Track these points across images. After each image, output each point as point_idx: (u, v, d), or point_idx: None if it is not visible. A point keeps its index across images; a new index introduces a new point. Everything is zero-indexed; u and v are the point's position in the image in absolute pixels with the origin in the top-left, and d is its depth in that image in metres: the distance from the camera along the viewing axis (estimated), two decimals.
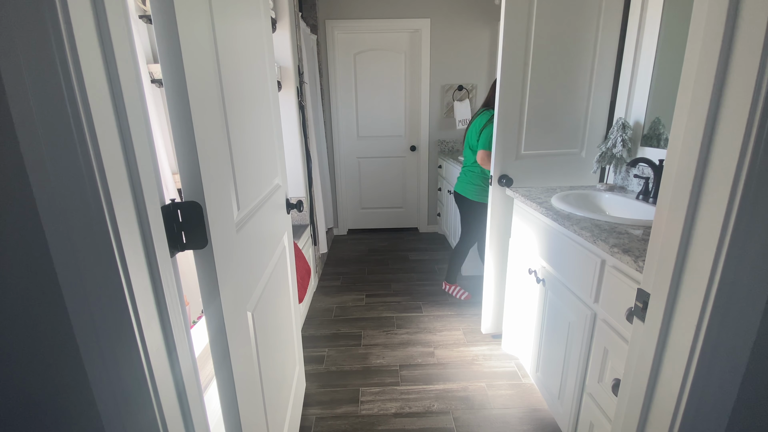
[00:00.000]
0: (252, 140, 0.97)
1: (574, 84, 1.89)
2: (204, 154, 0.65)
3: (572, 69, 1.87)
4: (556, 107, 1.92)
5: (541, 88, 1.89)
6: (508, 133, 1.92)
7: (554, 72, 1.88)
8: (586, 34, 1.83)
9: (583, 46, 1.84)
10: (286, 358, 1.33)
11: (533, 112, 1.92)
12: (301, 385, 1.61)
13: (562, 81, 1.88)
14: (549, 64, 1.87)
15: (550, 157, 1.98)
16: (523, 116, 1.92)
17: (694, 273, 0.56)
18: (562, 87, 1.89)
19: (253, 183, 0.96)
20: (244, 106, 0.91)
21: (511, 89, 1.88)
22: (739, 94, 0.48)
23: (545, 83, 1.89)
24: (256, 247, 0.97)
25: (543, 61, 1.86)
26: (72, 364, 0.50)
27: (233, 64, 0.84)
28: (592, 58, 1.85)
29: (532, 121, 1.93)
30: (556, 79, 1.88)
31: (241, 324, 0.81)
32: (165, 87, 0.59)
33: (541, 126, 1.94)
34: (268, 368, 1.03)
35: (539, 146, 1.96)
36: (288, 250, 1.41)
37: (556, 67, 1.87)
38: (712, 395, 0.58)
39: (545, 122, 1.93)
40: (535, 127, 1.93)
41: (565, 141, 1.97)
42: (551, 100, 1.91)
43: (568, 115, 1.93)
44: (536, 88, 1.88)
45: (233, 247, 0.77)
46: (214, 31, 0.73)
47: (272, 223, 1.16)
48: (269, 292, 1.09)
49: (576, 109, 1.93)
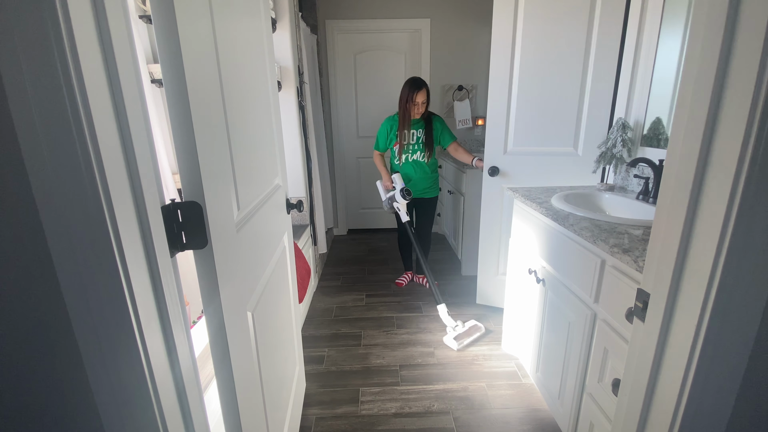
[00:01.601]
0: (252, 140, 0.97)
1: (565, 84, 1.92)
2: (204, 154, 0.65)
3: (562, 70, 1.91)
4: (546, 107, 1.97)
5: (529, 87, 1.96)
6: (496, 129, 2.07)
7: (543, 72, 1.93)
8: (578, 34, 1.84)
9: (576, 47, 1.86)
10: (286, 357, 1.33)
11: (522, 111, 2.00)
12: (301, 385, 1.61)
13: (552, 81, 1.93)
14: (538, 65, 1.92)
15: (541, 155, 2.05)
16: (510, 115, 2.02)
17: (694, 273, 0.56)
18: (553, 87, 1.94)
19: (253, 183, 0.96)
20: (244, 106, 0.91)
21: (499, 89, 2.00)
22: (739, 94, 0.48)
23: (534, 83, 1.96)
24: (257, 247, 0.97)
25: (531, 62, 1.92)
26: (72, 364, 0.50)
27: (233, 64, 0.84)
28: (585, 58, 1.87)
29: (520, 120, 2.02)
30: (545, 79, 1.94)
31: (241, 324, 0.81)
32: (165, 87, 0.59)
33: (530, 124, 2.02)
34: (268, 368, 1.03)
35: (528, 143, 2.04)
36: (288, 250, 1.41)
37: (546, 68, 1.92)
38: (712, 395, 0.58)
39: (534, 121, 2.00)
40: (524, 125, 2.03)
41: (558, 140, 2.00)
42: (541, 100, 1.96)
43: (559, 114, 1.98)
44: (524, 87, 1.96)
45: (233, 247, 0.77)
46: (214, 31, 0.73)
47: (272, 223, 1.16)
48: (269, 292, 1.09)
49: (568, 109, 1.95)
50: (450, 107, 3.60)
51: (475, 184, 2.65)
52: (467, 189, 2.69)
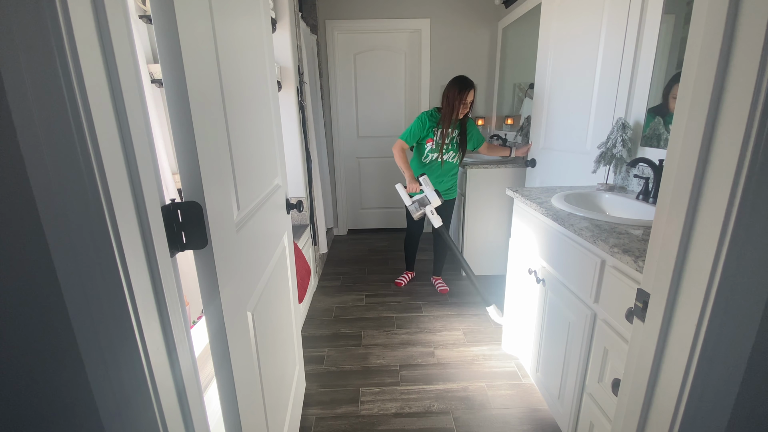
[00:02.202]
0: (252, 140, 0.97)
1: (581, 85, 2.01)
2: (204, 154, 0.65)
3: (578, 73, 2.03)
4: (569, 109, 2.14)
5: (558, 89, 2.19)
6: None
7: (565, 76, 2.14)
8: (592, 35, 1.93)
9: (589, 47, 1.94)
10: (286, 358, 1.33)
11: (553, 114, 2.28)
12: (301, 385, 1.61)
13: (571, 84, 2.10)
14: (563, 71, 2.15)
15: (562, 152, 2.23)
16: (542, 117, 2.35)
17: (694, 273, 0.56)
18: (573, 89, 2.08)
19: (253, 183, 0.96)
20: (245, 106, 0.91)
21: (540, 92, 2.37)
22: (739, 94, 0.48)
23: (558, 86, 2.19)
24: (256, 247, 0.97)
25: (559, 69, 2.17)
26: (72, 364, 0.50)
27: (233, 64, 0.84)
28: (595, 59, 1.90)
29: (551, 119, 2.32)
30: (565, 82, 2.14)
31: (240, 324, 0.81)
32: (165, 87, 0.59)
33: (556, 123, 2.25)
34: (268, 368, 1.03)
35: (555, 141, 2.27)
36: (288, 251, 1.41)
37: (567, 73, 2.12)
38: (712, 395, 0.58)
39: (560, 120, 2.23)
40: (553, 124, 2.30)
41: (575, 138, 2.11)
42: (565, 102, 2.15)
43: (574, 115, 2.10)
44: (556, 89, 2.23)
45: (233, 247, 0.77)
46: (214, 31, 0.73)
47: (272, 223, 1.16)
48: (269, 293, 1.09)
49: (581, 110, 2.04)
50: None
51: (475, 184, 2.65)
52: (468, 189, 2.69)
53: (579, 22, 2.00)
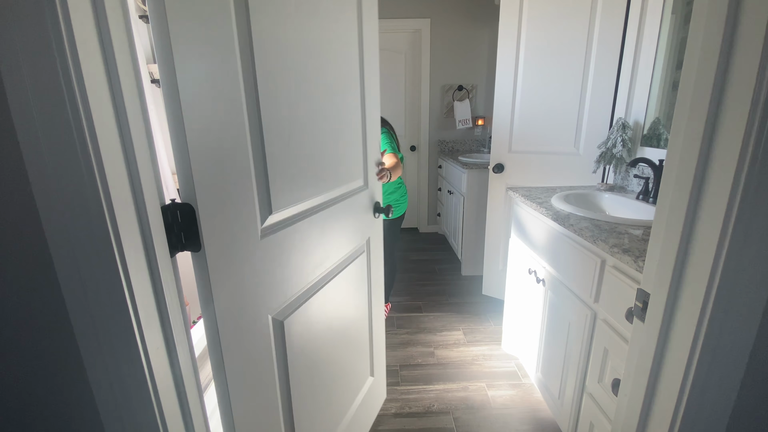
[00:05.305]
0: (310, 142, 0.91)
1: (566, 86, 1.98)
2: (200, 154, 0.63)
3: (564, 69, 1.97)
4: (549, 107, 2.05)
5: (533, 87, 2.07)
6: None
7: (546, 72, 2.03)
8: (579, 35, 1.90)
9: (577, 45, 1.91)
10: (346, 368, 1.23)
11: (525, 111, 2.12)
12: (375, 397, 1.50)
13: (555, 81, 2.01)
14: (541, 65, 2.02)
15: (543, 155, 2.13)
16: (514, 116, 2.16)
17: (694, 273, 0.56)
18: (554, 89, 2.02)
19: (302, 187, 0.91)
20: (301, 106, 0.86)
21: (504, 89, 2.16)
22: (739, 94, 0.48)
23: (537, 83, 2.05)
24: (300, 252, 0.92)
25: (534, 62, 2.03)
26: (72, 364, 0.50)
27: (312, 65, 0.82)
28: (586, 58, 1.91)
29: (524, 119, 2.14)
30: (547, 82, 2.04)
31: (248, 328, 0.78)
32: (162, 86, 0.59)
33: (533, 124, 2.12)
34: (306, 378, 0.99)
35: (531, 143, 2.14)
36: (371, 254, 1.34)
37: (548, 68, 2.01)
38: (712, 395, 0.58)
39: (536, 122, 2.11)
40: (528, 125, 2.13)
41: (560, 139, 2.07)
42: (544, 100, 2.05)
43: (560, 115, 2.05)
44: (528, 87, 2.08)
45: (247, 251, 0.74)
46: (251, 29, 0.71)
47: (345, 226, 1.11)
48: (324, 298, 1.04)
49: (569, 110, 2.01)
50: (450, 107, 3.60)
51: (475, 184, 2.65)
52: (467, 189, 2.69)
53: (563, 26, 1.89)
